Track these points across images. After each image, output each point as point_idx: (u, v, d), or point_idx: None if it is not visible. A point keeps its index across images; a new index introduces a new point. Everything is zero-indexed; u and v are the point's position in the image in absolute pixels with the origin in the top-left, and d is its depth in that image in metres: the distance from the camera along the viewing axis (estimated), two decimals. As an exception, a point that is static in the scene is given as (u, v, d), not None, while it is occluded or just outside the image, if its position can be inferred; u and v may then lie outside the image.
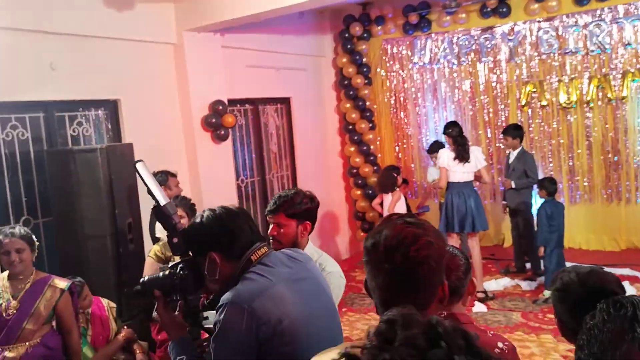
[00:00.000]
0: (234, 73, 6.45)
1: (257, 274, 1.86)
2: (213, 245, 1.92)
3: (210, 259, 1.91)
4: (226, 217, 1.97)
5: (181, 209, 3.72)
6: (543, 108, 7.13)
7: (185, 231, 2.03)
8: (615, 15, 6.51)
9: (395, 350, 0.66)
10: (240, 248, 1.92)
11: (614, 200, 6.89)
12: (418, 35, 7.72)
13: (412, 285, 1.27)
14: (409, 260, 1.25)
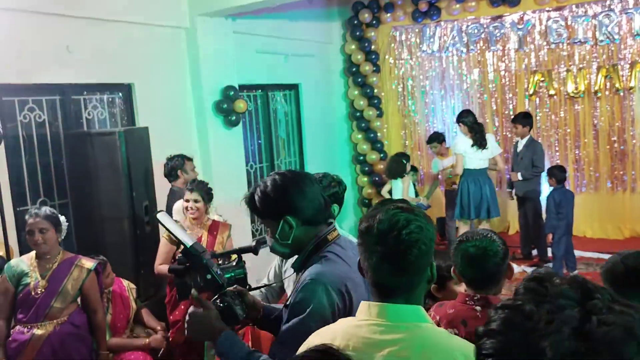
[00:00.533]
0: (245, 58, 6.48)
1: (335, 255, 1.90)
2: (289, 209, 1.91)
3: (286, 223, 1.91)
4: (302, 180, 1.98)
5: (197, 192, 3.79)
6: (551, 97, 7.18)
7: (260, 193, 1.95)
8: (625, 5, 6.54)
9: (554, 301, 0.69)
10: (315, 213, 1.94)
11: (619, 190, 6.96)
12: (427, 22, 7.73)
13: (403, 266, 1.35)
14: (400, 243, 1.33)
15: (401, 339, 1.35)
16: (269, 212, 1.95)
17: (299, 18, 7.40)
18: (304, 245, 1.97)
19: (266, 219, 1.99)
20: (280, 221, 1.92)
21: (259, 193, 1.97)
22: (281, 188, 1.94)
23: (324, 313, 1.80)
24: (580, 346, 0.64)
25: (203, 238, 3.82)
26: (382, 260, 1.38)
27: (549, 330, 0.66)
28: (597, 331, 0.64)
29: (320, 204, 2.02)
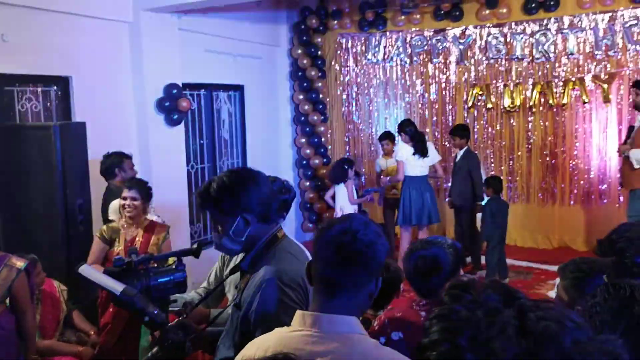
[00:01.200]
0: (190, 57, 6.37)
1: (287, 251, 1.94)
2: (248, 205, 1.91)
3: (243, 219, 1.91)
4: (259, 178, 1.98)
5: (135, 190, 3.69)
6: (488, 111, 7.44)
7: (218, 188, 1.93)
8: (560, 25, 6.86)
9: (485, 305, 0.71)
10: (272, 212, 1.95)
11: (549, 202, 7.28)
12: (373, 32, 7.85)
13: (355, 265, 1.38)
14: (356, 241, 1.36)
15: (331, 350, 1.35)
16: (226, 207, 1.93)
17: (247, 19, 7.36)
18: (254, 243, 1.98)
19: (220, 214, 1.96)
20: (237, 217, 1.92)
21: (216, 187, 1.95)
22: (241, 184, 1.94)
23: (292, 312, 1.80)
24: (527, 343, 0.66)
25: (138, 238, 3.71)
26: (336, 255, 1.39)
27: (493, 333, 0.67)
28: (538, 326, 0.67)
29: (276, 203, 2.04)
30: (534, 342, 0.66)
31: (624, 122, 6.65)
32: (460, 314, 0.71)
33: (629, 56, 6.59)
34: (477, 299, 0.73)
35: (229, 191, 1.92)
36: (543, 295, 5.62)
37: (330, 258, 1.40)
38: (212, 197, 1.93)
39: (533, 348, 0.66)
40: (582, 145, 7.01)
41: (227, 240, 1.96)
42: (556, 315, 0.69)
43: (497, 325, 0.68)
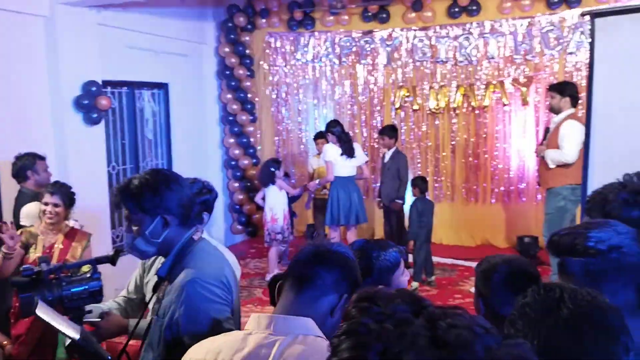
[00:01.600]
0: (110, 53, 6.09)
1: (204, 251, 1.91)
2: (169, 206, 1.86)
3: (162, 220, 1.86)
4: (181, 180, 1.94)
5: (58, 196, 3.47)
6: (415, 112, 7.59)
7: (140, 186, 1.87)
8: (482, 30, 7.09)
9: (393, 316, 0.69)
10: (192, 216, 1.92)
11: (472, 201, 7.52)
12: (302, 32, 7.83)
13: (327, 264, 1.47)
14: (335, 248, 1.50)
15: (283, 352, 1.34)
16: (147, 206, 1.87)
17: (171, 15, 7.14)
18: (170, 247, 1.92)
19: (139, 214, 1.89)
20: (156, 217, 1.87)
21: (138, 184, 1.88)
22: (165, 183, 1.88)
23: (223, 309, 1.82)
24: (440, 353, 0.64)
25: (57, 245, 3.49)
26: (312, 251, 1.50)
27: (405, 345, 0.65)
28: (450, 335, 0.66)
29: (197, 206, 2.03)
30: (447, 352, 0.64)
31: (541, 124, 6.96)
32: (369, 327, 0.68)
33: (546, 60, 6.91)
34: (385, 310, 0.71)
35: (152, 189, 1.87)
36: (466, 291, 5.79)
37: (306, 256, 1.49)
38: (134, 193, 1.87)
39: (446, 358, 0.64)
40: (503, 146, 7.28)
41: (141, 241, 1.90)
42: (466, 322, 0.68)
43: (408, 336, 0.66)
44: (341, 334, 0.70)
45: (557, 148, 4.98)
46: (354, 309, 0.74)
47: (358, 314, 0.72)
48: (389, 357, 0.64)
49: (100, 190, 5.98)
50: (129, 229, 1.96)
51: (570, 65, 6.80)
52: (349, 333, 0.69)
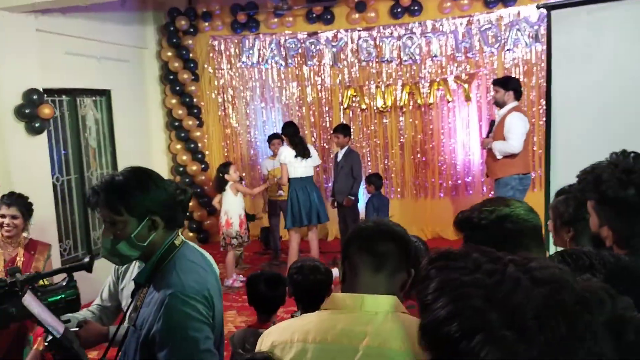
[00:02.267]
0: (49, 60, 5.86)
1: (189, 260, 1.82)
2: (157, 208, 1.76)
3: (150, 222, 1.76)
4: (165, 180, 1.86)
5: (15, 207, 3.31)
6: (362, 111, 7.70)
7: (125, 186, 1.76)
8: (424, 29, 7.29)
9: (481, 268, 0.71)
10: (179, 218, 1.86)
11: (422, 196, 7.70)
12: (246, 34, 7.79)
13: (399, 243, 1.53)
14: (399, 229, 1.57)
15: (379, 329, 1.38)
16: (134, 207, 1.75)
17: (111, 20, 6.94)
18: (152, 251, 1.82)
19: (123, 215, 1.75)
20: (144, 219, 1.75)
21: (124, 183, 1.75)
22: (153, 184, 1.77)
23: (202, 327, 1.74)
24: (544, 289, 0.67)
25: (19, 258, 3.33)
26: (385, 232, 1.52)
27: (509, 287, 0.67)
28: (546, 273, 0.69)
29: (180, 208, 1.95)
30: (550, 288, 0.67)
31: (484, 119, 7.22)
32: (463, 280, 0.69)
33: (486, 57, 7.18)
34: (468, 265, 0.72)
35: (141, 186, 1.75)
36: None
37: (377, 234, 1.51)
38: (120, 192, 1.74)
39: (550, 294, 0.66)
40: (448, 141, 7.50)
41: (125, 245, 1.78)
42: (549, 263, 0.71)
43: (510, 280, 0.68)
44: (433, 292, 0.70)
45: (503, 140, 5.17)
46: (433, 269, 0.74)
47: (440, 272, 0.72)
48: (495, 302, 0.65)
49: (45, 202, 5.73)
50: (107, 233, 1.84)
51: (509, 62, 7.09)
52: (442, 289, 0.70)
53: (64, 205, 6.38)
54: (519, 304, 0.65)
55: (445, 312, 0.68)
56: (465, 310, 0.67)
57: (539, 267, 0.69)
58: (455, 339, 0.66)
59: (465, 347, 0.65)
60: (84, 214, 6.65)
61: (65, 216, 6.38)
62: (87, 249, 6.63)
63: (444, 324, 0.67)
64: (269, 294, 2.74)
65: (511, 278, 0.68)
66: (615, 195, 1.54)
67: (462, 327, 0.66)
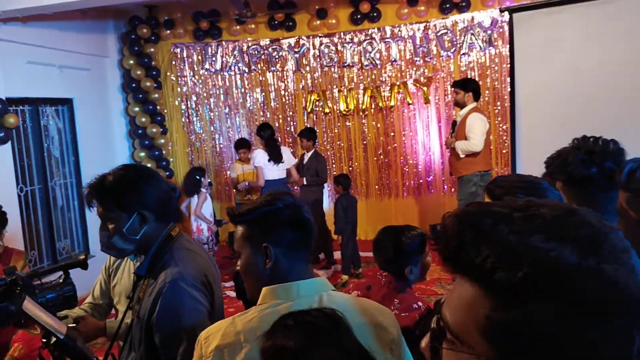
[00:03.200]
0: (10, 69, 5.80)
1: (186, 249, 1.87)
2: (147, 201, 1.83)
3: (140, 216, 1.83)
4: (156, 174, 1.93)
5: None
6: (326, 115, 7.87)
7: (115, 182, 1.83)
8: (383, 35, 7.53)
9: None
10: (171, 210, 1.90)
11: (386, 196, 7.92)
12: (209, 41, 7.86)
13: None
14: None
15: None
16: (123, 202, 1.84)
17: (71, 29, 6.90)
18: (148, 244, 1.91)
19: (114, 211, 1.86)
20: (134, 214, 1.84)
21: (114, 180, 1.85)
22: (141, 179, 1.87)
23: (198, 314, 1.79)
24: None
25: (-8, 266, 3.31)
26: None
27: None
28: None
29: (173, 201, 2.00)
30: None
31: (443, 120, 7.50)
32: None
33: (443, 61, 7.46)
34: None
35: (129, 184, 1.85)
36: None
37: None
38: (109, 189, 1.84)
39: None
40: (410, 142, 7.75)
41: (119, 239, 1.88)
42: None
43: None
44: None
45: (465, 139, 5.43)
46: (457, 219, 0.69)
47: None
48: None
49: (11, 212, 5.62)
50: (103, 228, 1.93)
51: (464, 65, 7.40)
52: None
53: (29, 215, 6.29)
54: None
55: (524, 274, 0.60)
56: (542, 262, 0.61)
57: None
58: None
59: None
60: (48, 225, 6.57)
61: (30, 227, 6.30)
62: (53, 259, 6.54)
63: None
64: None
65: (549, 215, 0.64)
66: (580, 174, 1.73)
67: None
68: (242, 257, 1.56)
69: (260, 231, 1.52)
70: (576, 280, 0.58)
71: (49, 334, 1.87)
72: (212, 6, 7.61)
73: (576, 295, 0.58)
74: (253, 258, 1.52)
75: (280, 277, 1.49)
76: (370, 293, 2.30)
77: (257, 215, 1.52)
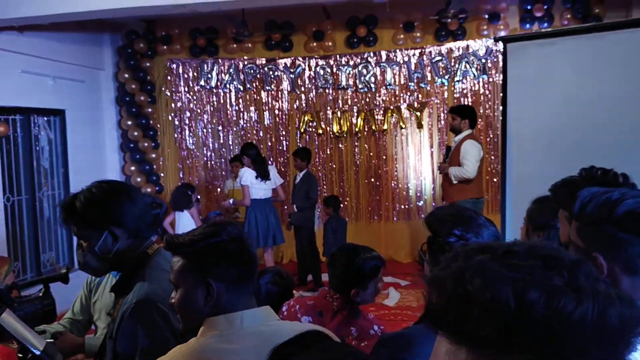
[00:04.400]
0: (3, 78, 5.78)
1: (160, 268, 1.81)
2: (117, 218, 1.80)
3: (110, 234, 1.79)
4: (131, 190, 1.88)
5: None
6: (319, 136, 7.88)
7: (84, 200, 1.80)
8: (379, 59, 7.58)
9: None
10: (144, 226, 1.85)
11: (376, 219, 7.89)
12: (205, 58, 7.88)
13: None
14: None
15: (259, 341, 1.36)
16: (92, 220, 1.81)
17: (67, 40, 6.91)
18: (123, 261, 1.86)
19: (85, 229, 1.84)
20: (104, 232, 1.81)
21: (82, 199, 1.83)
22: (110, 195, 1.83)
23: (162, 335, 1.71)
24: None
25: (-28, 275, 3.24)
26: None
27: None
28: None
29: (149, 217, 1.96)
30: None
31: (435, 145, 7.53)
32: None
33: (437, 87, 7.52)
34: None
35: (96, 203, 1.82)
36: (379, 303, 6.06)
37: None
38: (78, 208, 1.81)
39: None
40: (401, 166, 7.76)
41: (91, 257, 1.84)
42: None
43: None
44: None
45: (459, 165, 5.43)
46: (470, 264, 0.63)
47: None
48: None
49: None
50: (79, 246, 1.91)
51: (458, 92, 7.45)
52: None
53: (14, 226, 6.21)
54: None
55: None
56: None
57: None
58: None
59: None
60: (34, 236, 6.49)
61: (15, 237, 6.21)
62: (37, 271, 6.45)
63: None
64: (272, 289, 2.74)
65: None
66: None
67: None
68: (179, 290, 1.49)
69: (203, 265, 1.45)
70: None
71: (26, 348, 1.81)
72: (210, 24, 7.65)
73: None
74: (193, 293, 1.46)
75: (221, 313, 1.45)
76: (324, 320, 2.21)
77: (201, 247, 1.45)
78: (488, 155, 7.15)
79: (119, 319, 1.79)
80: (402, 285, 6.76)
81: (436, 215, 1.62)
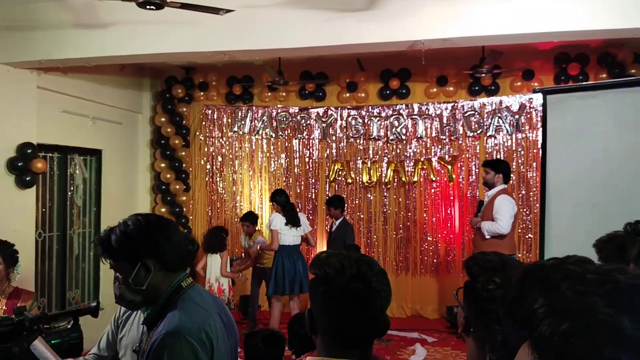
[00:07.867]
0: (45, 116, 5.97)
1: (192, 301, 1.81)
2: (150, 251, 1.81)
3: (143, 266, 1.80)
4: (166, 224, 1.91)
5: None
6: (348, 185, 7.88)
7: (120, 233, 1.84)
8: (411, 111, 7.63)
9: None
10: (178, 260, 1.86)
11: (403, 272, 7.75)
12: (240, 105, 8.04)
13: (367, 313, 1.34)
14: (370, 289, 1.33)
15: None
16: (126, 253, 1.84)
17: (108, 83, 7.15)
18: (157, 295, 1.86)
19: (120, 261, 1.86)
20: (138, 264, 1.82)
21: (118, 232, 1.86)
22: (145, 228, 1.86)
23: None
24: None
25: (1, 307, 3.26)
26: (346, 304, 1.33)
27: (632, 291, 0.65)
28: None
29: (183, 251, 1.96)
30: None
31: (465, 199, 7.44)
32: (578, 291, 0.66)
33: (468, 141, 7.50)
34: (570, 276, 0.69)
35: (130, 235, 1.85)
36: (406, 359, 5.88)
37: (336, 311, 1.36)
38: (114, 241, 1.85)
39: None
40: (430, 219, 7.67)
41: (126, 289, 1.85)
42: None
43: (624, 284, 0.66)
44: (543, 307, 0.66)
45: (492, 220, 5.34)
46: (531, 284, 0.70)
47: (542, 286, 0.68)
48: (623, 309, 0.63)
49: (26, 257, 5.63)
50: (114, 278, 1.93)
51: (490, 147, 7.42)
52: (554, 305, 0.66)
53: (43, 261, 6.27)
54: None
55: (569, 327, 0.63)
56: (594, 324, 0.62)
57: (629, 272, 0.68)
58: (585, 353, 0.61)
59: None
60: (61, 273, 6.53)
61: (43, 273, 6.26)
62: (62, 308, 6.45)
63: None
64: (267, 351, 2.73)
65: (625, 283, 0.64)
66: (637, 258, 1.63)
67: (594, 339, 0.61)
68: None
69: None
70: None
71: None
72: (247, 72, 7.84)
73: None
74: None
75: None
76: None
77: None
78: (521, 212, 7.03)
79: (147, 351, 1.77)
80: (429, 342, 6.55)
81: (477, 260, 1.55)
